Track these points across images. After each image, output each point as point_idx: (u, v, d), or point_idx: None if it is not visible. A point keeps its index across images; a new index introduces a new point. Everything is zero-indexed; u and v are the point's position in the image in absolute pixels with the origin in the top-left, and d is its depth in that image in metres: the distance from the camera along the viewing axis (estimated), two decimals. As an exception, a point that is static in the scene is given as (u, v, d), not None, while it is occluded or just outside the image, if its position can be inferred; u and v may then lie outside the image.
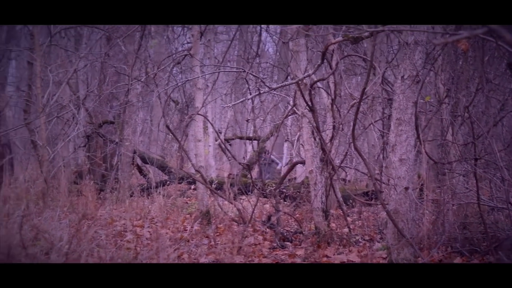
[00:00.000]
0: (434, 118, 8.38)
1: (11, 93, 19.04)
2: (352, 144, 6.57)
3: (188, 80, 11.85)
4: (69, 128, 14.82)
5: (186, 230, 9.34)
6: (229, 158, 15.94)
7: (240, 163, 11.75)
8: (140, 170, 16.01)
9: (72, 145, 16.79)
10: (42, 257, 5.95)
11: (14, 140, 17.27)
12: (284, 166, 19.22)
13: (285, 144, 20.28)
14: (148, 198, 12.59)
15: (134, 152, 14.84)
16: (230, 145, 21.35)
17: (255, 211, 8.74)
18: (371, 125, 10.47)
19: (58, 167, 13.20)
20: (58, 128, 15.58)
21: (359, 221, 9.66)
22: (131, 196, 12.93)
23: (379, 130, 10.86)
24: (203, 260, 7.14)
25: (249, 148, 20.53)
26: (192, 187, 14.84)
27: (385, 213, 5.89)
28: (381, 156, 10.30)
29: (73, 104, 14.51)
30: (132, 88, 13.49)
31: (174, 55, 12.03)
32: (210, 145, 15.96)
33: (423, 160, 7.90)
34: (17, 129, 16.60)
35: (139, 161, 15.93)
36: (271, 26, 17.21)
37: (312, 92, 8.04)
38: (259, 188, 9.58)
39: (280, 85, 9.82)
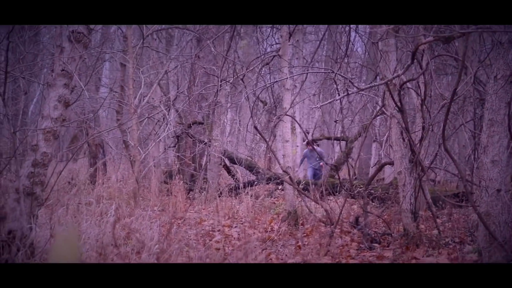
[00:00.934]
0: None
1: (104, 95, 19.55)
2: (442, 145, 6.47)
3: (276, 81, 11.90)
4: (160, 129, 15.14)
5: (274, 230, 9.40)
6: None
7: (327, 164, 11.72)
8: (228, 170, 16.18)
9: (163, 145, 17.15)
10: (133, 256, 6.11)
11: (107, 140, 17.74)
12: (372, 167, 19.05)
13: (374, 145, 20.08)
14: (236, 198, 12.73)
15: (223, 153, 15.00)
16: (317, 145, 21.33)
17: (342, 212, 8.71)
18: (462, 125, 10.27)
19: (149, 167, 13.51)
20: (149, 129, 15.94)
21: (449, 223, 9.49)
22: (219, 196, 13.09)
23: (470, 130, 10.65)
24: (290, 261, 7.17)
25: (337, 148, 20.45)
26: (280, 187, 14.91)
27: (476, 215, 5.78)
28: (472, 157, 10.10)
29: (163, 105, 14.81)
30: (221, 89, 13.65)
31: (262, 56, 12.07)
32: (297, 146, 16.01)
33: (517, 161, 7.71)
34: (110, 130, 17.06)
35: (227, 162, 16.10)
36: (360, 26, 17.09)
37: (402, 93, 7.96)
38: (346, 188, 9.54)
39: (369, 85, 9.76)
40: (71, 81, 5.39)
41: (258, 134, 15.88)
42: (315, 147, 15.61)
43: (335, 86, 10.66)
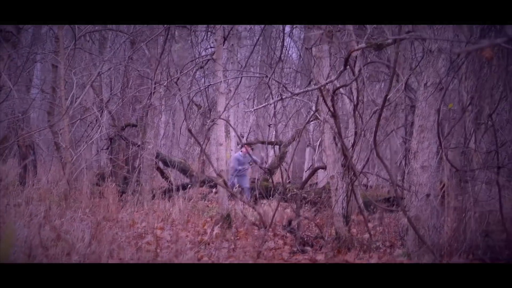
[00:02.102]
0: (457, 126, 8.34)
1: (35, 95, 19.20)
2: (374, 150, 6.57)
3: (210, 84, 11.92)
4: (92, 131, 14.95)
5: (207, 233, 9.38)
6: (251, 163, 15.95)
7: (261, 168, 11.78)
8: (162, 173, 16.09)
9: (95, 148, 16.93)
10: (63, 258, 6.02)
11: (37, 141, 17.42)
12: (305, 171, 19.21)
13: (307, 150, 20.26)
14: (169, 201, 12.65)
15: (156, 155, 14.91)
16: (252, 149, 21.38)
17: (275, 216, 8.76)
18: (394, 131, 10.46)
19: (81, 169, 13.31)
20: (81, 131, 15.71)
21: (380, 227, 9.63)
22: (152, 198, 13.00)
23: (401, 136, 10.85)
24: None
25: (271, 152, 20.55)
26: (214, 190, 14.89)
27: (406, 219, 5.89)
28: (403, 162, 10.29)
29: (96, 107, 14.64)
30: (155, 91, 13.57)
31: (197, 60, 12.07)
32: (232, 149, 16.01)
33: (445, 167, 7.88)
34: (40, 131, 16.76)
35: (161, 164, 16.01)
36: (295, 32, 17.21)
37: (335, 98, 8.06)
38: (280, 192, 9.61)
39: (302, 90, 9.85)
40: None
41: (192, 137, 15.85)
42: (249, 152, 15.39)
43: (269, 90, 10.73)
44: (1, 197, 10.06)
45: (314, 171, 11.00)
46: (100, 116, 14.45)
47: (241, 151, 15.29)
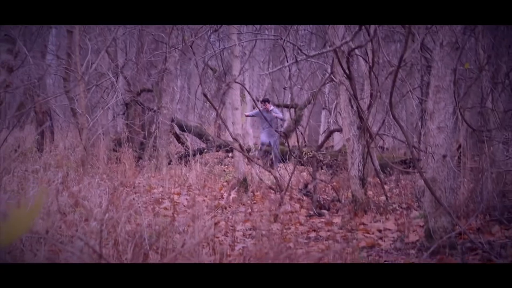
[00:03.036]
0: (473, 85, 8.27)
1: (50, 61, 19.21)
2: (390, 111, 6.52)
3: (225, 47, 11.84)
4: (108, 96, 14.98)
5: (223, 197, 9.41)
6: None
7: (277, 131, 11.76)
8: (178, 138, 16.12)
9: (111, 113, 16.96)
10: (81, 224, 6.05)
11: (54, 108, 17.48)
12: (321, 134, 19.18)
13: (323, 112, 20.21)
14: (185, 166, 12.69)
15: (172, 120, 14.93)
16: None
17: (292, 179, 8.75)
18: (409, 92, 10.38)
19: (97, 135, 13.37)
20: (97, 96, 15.75)
21: (397, 189, 9.62)
22: (169, 163, 13.04)
23: (417, 97, 10.76)
24: (239, 227, 7.19)
25: (287, 115, 20.52)
26: (230, 155, 14.91)
27: (423, 181, 5.85)
28: (419, 124, 10.22)
29: (111, 72, 14.63)
30: (170, 56, 13.54)
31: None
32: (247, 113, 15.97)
33: (462, 128, 7.82)
34: (56, 97, 16.79)
35: (177, 129, 16.03)
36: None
37: (350, 60, 7.99)
38: (296, 156, 9.59)
39: (317, 52, 9.79)
40: (15, 47, 5.27)
41: (207, 102, 15.82)
42: (271, 107, 15.06)
43: (284, 53, 10.65)
44: (19, 164, 10.12)
45: (330, 134, 10.97)
46: (116, 82, 14.45)
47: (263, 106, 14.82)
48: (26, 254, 4.56)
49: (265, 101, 15.11)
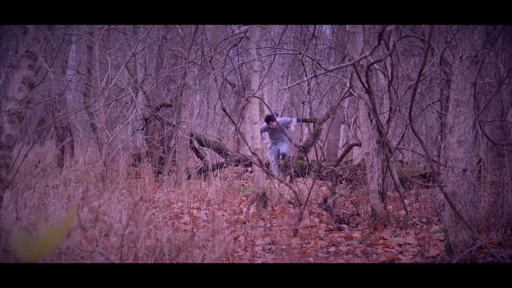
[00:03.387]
0: (493, 99, 8.24)
1: (71, 77, 19.38)
2: (409, 125, 6.51)
3: (244, 62, 11.87)
4: (128, 111, 15.05)
5: (243, 212, 9.42)
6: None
7: (296, 146, 11.76)
8: (197, 153, 16.17)
9: (131, 128, 17.06)
10: (101, 239, 6.08)
11: (74, 123, 17.60)
12: (340, 148, 19.13)
13: (342, 126, 20.19)
14: (205, 180, 12.72)
15: (191, 135, 14.97)
16: (286, 127, 21.33)
17: (311, 194, 8.74)
18: (429, 106, 10.35)
19: (117, 150, 13.43)
20: (117, 111, 15.83)
21: (416, 204, 9.57)
22: (188, 178, 13.07)
23: (437, 111, 10.73)
24: (259, 242, 7.19)
25: (305, 130, 20.51)
26: (249, 169, 14.91)
27: (443, 195, 5.83)
28: (439, 137, 10.18)
29: (131, 87, 14.71)
30: (189, 71, 13.60)
31: (230, 38, 12.04)
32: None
33: (482, 141, 7.79)
34: (77, 112, 16.91)
35: (196, 144, 16.08)
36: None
37: (369, 74, 7.99)
38: (315, 170, 9.58)
39: (336, 67, 9.79)
40: (36, 63, 5.31)
41: (226, 116, 15.85)
42: (278, 120, 14.86)
43: (303, 67, 10.66)
44: (40, 179, 10.19)
45: (349, 148, 10.93)
46: (135, 97, 14.53)
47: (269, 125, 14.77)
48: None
49: (268, 120, 14.87)
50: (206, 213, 9.09)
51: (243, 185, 13.18)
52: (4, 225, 5.46)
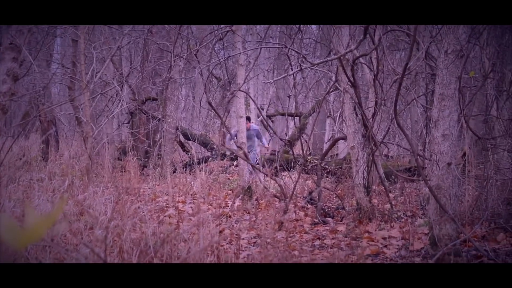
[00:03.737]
0: (478, 93, 8.27)
1: (55, 70, 19.26)
2: (395, 119, 6.52)
3: (230, 56, 11.87)
4: (113, 105, 15.01)
5: (228, 206, 9.42)
6: (271, 135, 15.88)
7: (282, 139, 11.76)
8: (183, 147, 16.14)
9: (116, 122, 17.01)
10: (86, 232, 6.07)
11: (59, 116, 17.52)
12: (326, 142, 19.16)
13: (328, 120, 20.20)
14: (190, 174, 12.70)
15: (177, 129, 14.95)
16: (272, 121, 21.36)
17: (296, 187, 8.75)
18: (414, 100, 10.38)
19: (102, 144, 13.38)
20: (102, 105, 15.78)
21: (401, 197, 9.62)
22: (173, 172, 13.05)
23: (422, 105, 10.77)
24: (244, 235, 7.20)
25: (291, 124, 20.53)
26: (234, 163, 14.91)
27: (427, 189, 5.85)
28: (423, 131, 10.22)
29: (116, 81, 14.66)
30: (175, 64, 13.57)
31: (216, 31, 12.01)
32: (252, 122, 15.98)
33: (467, 135, 7.82)
34: (61, 106, 16.84)
35: (181, 138, 16.05)
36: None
37: (354, 68, 8.00)
38: (301, 164, 9.59)
39: (322, 60, 9.79)
40: (20, 55, 5.28)
41: (212, 110, 15.85)
42: (251, 124, 14.82)
43: (288, 61, 10.67)
44: (24, 172, 10.14)
45: (334, 142, 10.95)
46: (121, 90, 14.48)
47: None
48: (31, 262, 4.57)
49: (247, 118, 14.67)
50: (191, 207, 9.08)
51: (229, 178, 13.17)
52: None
